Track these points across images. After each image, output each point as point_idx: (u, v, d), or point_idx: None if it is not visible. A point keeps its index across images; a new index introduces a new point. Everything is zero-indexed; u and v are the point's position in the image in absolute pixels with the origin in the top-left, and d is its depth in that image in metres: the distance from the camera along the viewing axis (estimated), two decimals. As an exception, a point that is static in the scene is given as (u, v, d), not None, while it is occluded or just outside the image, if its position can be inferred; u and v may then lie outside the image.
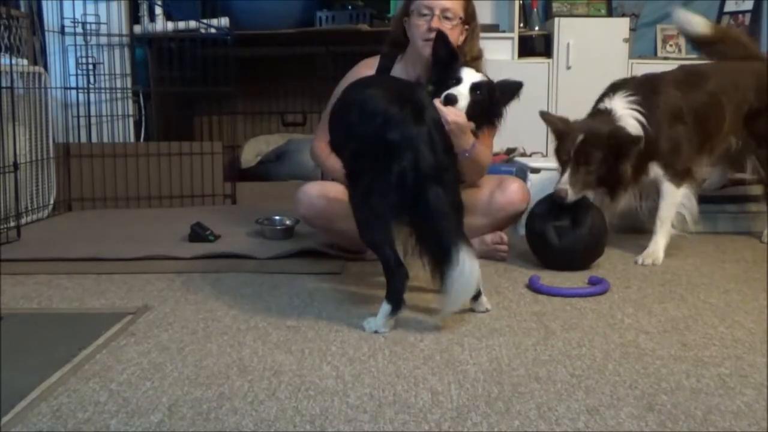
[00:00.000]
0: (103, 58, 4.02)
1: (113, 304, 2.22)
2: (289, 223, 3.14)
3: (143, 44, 4.20)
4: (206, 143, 4.12)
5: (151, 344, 1.85)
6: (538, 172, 3.24)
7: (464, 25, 2.62)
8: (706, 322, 2.06)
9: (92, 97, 4.00)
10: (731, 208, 3.37)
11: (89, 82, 3.96)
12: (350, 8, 4.26)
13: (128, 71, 4.11)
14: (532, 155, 3.78)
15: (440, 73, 2.22)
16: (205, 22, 4.06)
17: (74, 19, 3.89)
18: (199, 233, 2.98)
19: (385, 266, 1.96)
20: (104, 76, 4.03)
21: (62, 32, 3.92)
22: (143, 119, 4.20)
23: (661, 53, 4.62)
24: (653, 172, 2.80)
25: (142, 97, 4.19)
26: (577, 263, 2.64)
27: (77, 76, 3.94)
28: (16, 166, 3.10)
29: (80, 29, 3.90)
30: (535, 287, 2.35)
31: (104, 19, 3.99)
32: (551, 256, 2.65)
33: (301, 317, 2.08)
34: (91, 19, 3.93)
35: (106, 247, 2.87)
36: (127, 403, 1.51)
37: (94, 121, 4.03)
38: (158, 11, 4.16)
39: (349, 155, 2.04)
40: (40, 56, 3.90)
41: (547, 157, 3.88)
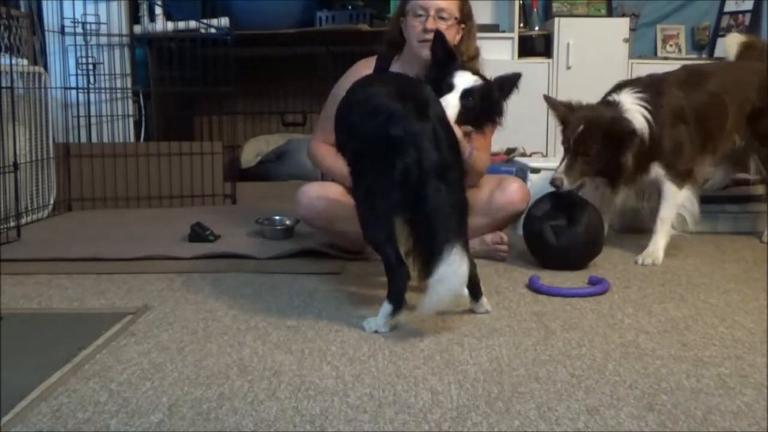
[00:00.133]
0: (103, 58, 4.02)
1: (113, 304, 2.22)
2: (289, 223, 3.14)
3: (143, 44, 4.20)
4: (206, 143, 4.12)
5: (151, 344, 1.85)
6: (538, 172, 3.24)
7: (460, 24, 2.62)
8: (706, 322, 2.06)
9: (92, 97, 4.00)
10: (732, 208, 3.37)
11: (89, 82, 3.96)
12: (350, 8, 4.26)
13: (128, 71, 4.11)
14: (532, 155, 3.78)
15: (438, 73, 2.19)
16: (205, 22, 4.06)
17: (74, 19, 3.89)
18: (199, 233, 2.98)
19: (386, 265, 1.94)
20: (104, 76, 4.03)
21: (62, 32, 3.92)
22: (143, 119, 4.20)
23: (661, 53, 4.62)
24: (655, 172, 2.80)
25: (142, 97, 4.19)
26: (575, 262, 2.65)
27: (77, 76, 3.94)
28: (16, 166, 3.10)
29: (80, 29, 3.90)
30: (535, 287, 2.35)
31: (104, 19, 3.99)
32: (549, 255, 2.66)
33: (301, 317, 2.08)
34: (91, 19, 3.93)
35: (105, 247, 2.87)
36: (127, 403, 1.51)
37: (94, 121, 4.03)
38: (158, 11, 4.15)
39: (352, 153, 2.02)
40: (40, 56, 3.90)
41: (547, 157, 3.89)
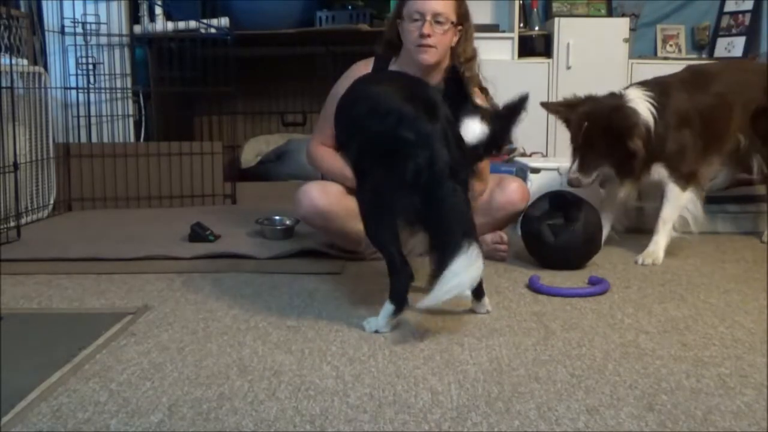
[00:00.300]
0: (103, 58, 4.01)
1: (113, 304, 2.22)
2: (289, 223, 3.13)
3: (143, 44, 4.20)
4: (206, 143, 4.12)
5: (151, 344, 1.85)
6: (538, 172, 3.24)
7: (457, 27, 2.61)
8: (706, 322, 2.06)
9: (92, 97, 4.00)
10: (732, 208, 3.37)
11: (89, 82, 3.96)
12: (350, 8, 4.26)
13: (128, 71, 4.10)
14: (532, 155, 3.78)
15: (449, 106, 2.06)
16: (205, 22, 4.06)
17: (74, 19, 3.89)
18: (199, 233, 2.98)
19: (389, 265, 1.93)
20: (104, 76, 4.03)
21: (62, 32, 3.92)
22: (143, 119, 4.20)
23: (661, 53, 4.61)
24: (659, 173, 2.80)
25: (142, 97, 4.18)
26: (574, 261, 2.65)
27: (77, 76, 3.94)
28: (16, 166, 3.10)
29: (80, 29, 3.90)
30: (535, 287, 2.35)
31: (104, 19, 3.98)
32: (548, 254, 2.66)
33: (301, 317, 2.08)
34: (91, 19, 3.92)
35: (105, 247, 2.87)
36: (127, 403, 1.51)
37: (94, 121, 4.03)
38: (158, 11, 4.15)
39: (357, 152, 1.98)
40: (40, 56, 3.90)
41: (547, 157, 3.88)
